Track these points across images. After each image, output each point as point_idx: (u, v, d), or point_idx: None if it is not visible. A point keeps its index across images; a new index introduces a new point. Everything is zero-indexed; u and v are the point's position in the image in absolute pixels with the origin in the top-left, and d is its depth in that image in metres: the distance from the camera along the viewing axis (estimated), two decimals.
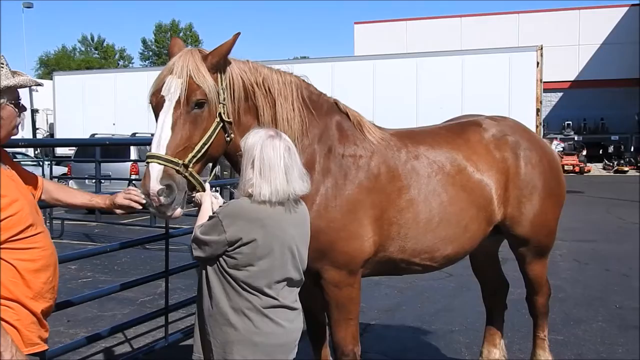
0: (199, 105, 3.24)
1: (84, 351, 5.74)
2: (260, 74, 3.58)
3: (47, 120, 31.44)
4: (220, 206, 3.10)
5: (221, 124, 3.33)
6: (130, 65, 75.60)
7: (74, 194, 3.43)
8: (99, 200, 3.42)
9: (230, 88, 3.41)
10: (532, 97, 20.75)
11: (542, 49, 21.10)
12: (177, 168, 3.14)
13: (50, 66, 67.38)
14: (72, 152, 17.70)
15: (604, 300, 7.85)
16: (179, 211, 3.21)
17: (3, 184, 2.64)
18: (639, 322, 6.89)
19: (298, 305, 3.12)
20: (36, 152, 25.16)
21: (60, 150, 24.93)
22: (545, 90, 29.34)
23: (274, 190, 2.87)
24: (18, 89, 2.81)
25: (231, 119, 3.39)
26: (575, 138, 37.19)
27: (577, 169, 32.51)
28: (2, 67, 2.71)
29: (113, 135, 20.32)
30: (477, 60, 22.20)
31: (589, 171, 33.42)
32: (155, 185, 3.07)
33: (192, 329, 3.23)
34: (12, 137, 2.89)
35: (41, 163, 16.52)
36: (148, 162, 3.12)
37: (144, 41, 76.57)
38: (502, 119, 4.73)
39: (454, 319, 7.07)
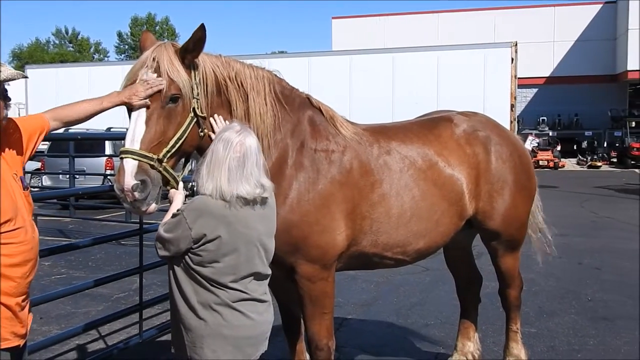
0: (173, 100, 3.22)
1: (57, 348, 5.69)
2: (232, 69, 3.57)
3: (19, 114, 30.90)
4: (184, 203, 3.06)
5: (195, 119, 3.32)
6: (106, 59, 74.95)
7: (78, 107, 3.25)
8: (112, 101, 3.24)
9: (203, 83, 3.40)
10: (507, 92, 20.91)
11: (516, 45, 21.27)
12: (152, 163, 3.12)
13: (24, 59, 66.55)
14: (46, 146, 17.47)
15: (576, 293, 7.96)
16: (153, 206, 3.19)
17: None
18: (610, 314, 7.01)
19: (268, 297, 3.11)
20: None
21: None
22: (521, 86, 29.64)
23: (215, 187, 2.85)
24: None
25: (205, 114, 3.38)
26: (550, 133, 37.54)
27: (551, 164, 32.84)
28: None
29: (88, 129, 20.08)
30: (452, 56, 22.32)
31: (563, 166, 33.77)
32: (129, 181, 3.05)
33: (167, 325, 3.22)
34: None
35: None
36: (122, 157, 3.10)
37: (119, 34, 75.95)
38: (473, 114, 4.77)
39: (430, 312, 7.13)
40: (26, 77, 3.35)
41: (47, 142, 19.17)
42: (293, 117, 3.81)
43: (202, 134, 3.37)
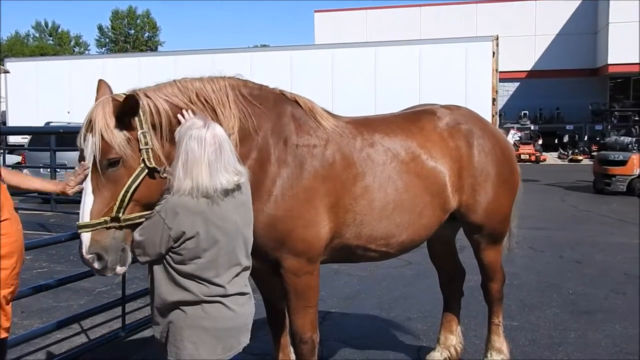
0: (113, 164, 3.05)
1: (39, 342, 5.65)
2: (192, 90, 3.39)
3: None
4: (159, 204, 2.97)
5: (146, 171, 3.11)
6: (87, 52, 74.21)
7: (28, 180, 3.46)
8: (52, 187, 3.45)
9: (158, 123, 3.19)
10: (488, 86, 20.99)
11: (497, 39, 21.37)
12: (106, 227, 3.00)
13: (3, 52, 65.68)
14: (26, 140, 17.29)
15: (557, 286, 8.02)
16: (119, 269, 3.10)
17: None
18: (590, 307, 7.08)
19: (248, 289, 3.10)
20: None
21: (12, 139, 24.31)
22: (502, 80, 29.83)
23: (195, 186, 2.80)
24: None
25: (157, 164, 3.12)
26: (532, 127, 37.84)
27: (533, 158, 33.14)
28: None
29: (69, 123, 19.92)
30: (434, 50, 22.38)
31: (544, 160, 34.08)
32: (85, 255, 2.99)
33: (150, 319, 3.21)
34: None
35: None
36: (79, 233, 3.02)
37: (100, 28, 75.21)
38: (456, 107, 4.78)
39: (412, 306, 7.15)
40: (7, 71, 3.35)
41: (28, 136, 18.99)
42: (271, 114, 3.75)
43: (164, 176, 3.10)
